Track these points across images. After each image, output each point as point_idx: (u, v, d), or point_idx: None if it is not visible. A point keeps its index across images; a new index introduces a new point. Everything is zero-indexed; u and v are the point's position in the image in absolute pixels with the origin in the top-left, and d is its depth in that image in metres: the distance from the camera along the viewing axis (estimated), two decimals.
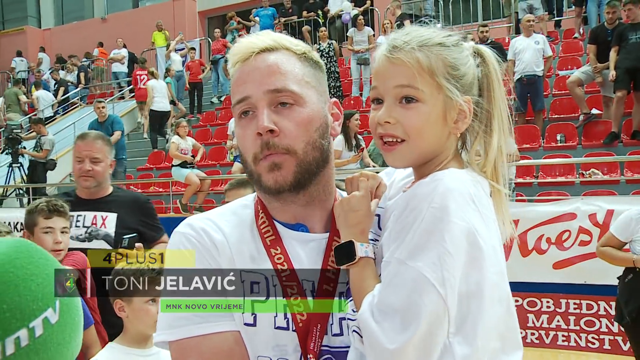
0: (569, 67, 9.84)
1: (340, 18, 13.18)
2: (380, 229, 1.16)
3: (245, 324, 1.08)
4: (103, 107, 9.51)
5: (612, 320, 5.06)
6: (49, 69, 16.71)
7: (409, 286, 0.93)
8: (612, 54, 7.61)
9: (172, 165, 8.81)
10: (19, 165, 10.81)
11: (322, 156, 1.15)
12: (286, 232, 1.17)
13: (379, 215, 1.18)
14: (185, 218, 3.68)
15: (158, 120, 12.25)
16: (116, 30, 17.98)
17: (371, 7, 13.87)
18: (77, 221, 3.02)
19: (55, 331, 0.74)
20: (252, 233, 1.17)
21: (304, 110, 1.12)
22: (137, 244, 2.84)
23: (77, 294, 0.82)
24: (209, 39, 15.70)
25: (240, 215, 1.20)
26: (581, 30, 11.01)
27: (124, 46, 16.21)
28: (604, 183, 6.86)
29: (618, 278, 3.85)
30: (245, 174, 1.28)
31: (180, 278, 1.11)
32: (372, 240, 1.13)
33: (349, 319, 1.05)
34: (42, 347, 0.72)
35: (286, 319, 1.09)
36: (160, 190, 10.38)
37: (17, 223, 9.59)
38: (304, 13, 14.30)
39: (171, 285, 1.11)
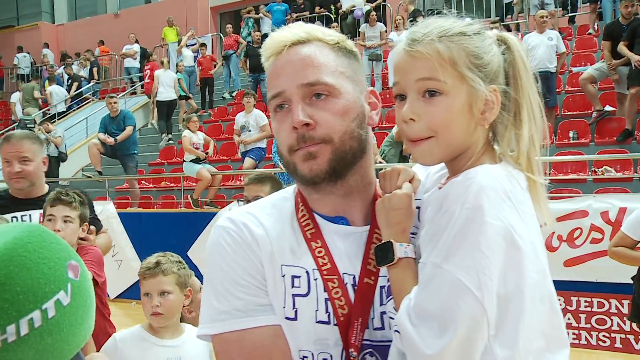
0: (583, 63, 9.75)
1: (352, 14, 13.16)
2: (419, 221, 1.14)
3: (287, 318, 1.08)
4: (115, 103, 9.55)
5: (625, 318, 5.02)
6: (53, 65, 16.78)
7: (445, 291, 0.91)
8: (623, 48, 7.50)
9: (184, 161, 8.85)
10: None
11: (359, 146, 1.13)
12: (326, 225, 1.16)
13: (418, 208, 1.15)
14: (195, 213, 3.79)
15: (165, 110, 12.45)
16: (128, 25, 18.06)
17: (383, 3, 13.82)
18: (23, 221, 3.04)
19: (67, 313, 0.76)
20: (292, 226, 1.16)
21: (339, 102, 1.10)
22: (91, 228, 2.88)
23: (89, 277, 0.83)
24: (221, 35, 15.72)
25: (281, 209, 1.19)
26: (595, 26, 10.91)
27: (136, 41, 16.27)
28: (617, 180, 6.80)
29: (633, 278, 3.80)
30: (260, 170, 1.27)
31: (221, 272, 1.11)
32: (412, 234, 1.12)
33: (391, 317, 1.04)
34: (55, 328, 0.74)
35: (327, 313, 1.08)
36: (172, 185, 10.44)
37: None
38: (317, 8, 14.29)
39: (213, 280, 1.12)
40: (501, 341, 0.92)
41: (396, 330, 0.99)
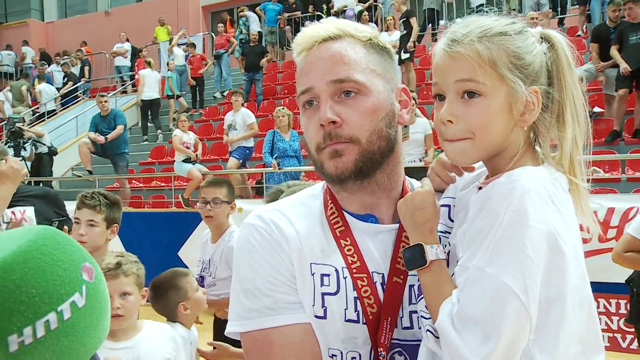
0: (576, 64, 9.79)
1: (343, 14, 13.16)
2: (451, 220, 1.12)
3: (316, 317, 1.07)
4: (106, 101, 9.50)
5: (624, 321, 5.02)
6: (43, 63, 16.63)
7: (490, 295, 0.89)
8: (614, 51, 7.59)
9: (175, 161, 8.83)
10: (21, 158, 10.83)
11: (388, 145, 1.12)
12: (355, 223, 1.15)
13: (448, 206, 1.14)
14: (186, 213, 3.78)
15: (147, 109, 12.64)
16: (119, 24, 17.97)
17: (375, 3, 13.84)
18: None
19: (82, 314, 0.77)
20: (321, 224, 1.15)
21: (369, 100, 1.09)
22: (64, 228, 2.91)
23: (104, 279, 0.84)
24: (213, 34, 15.68)
25: (310, 206, 1.19)
26: (584, 28, 10.99)
27: (127, 40, 16.20)
28: (605, 181, 6.86)
29: (627, 281, 3.73)
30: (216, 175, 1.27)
31: (251, 270, 1.10)
32: (441, 232, 1.10)
33: (422, 316, 1.02)
34: (71, 329, 0.75)
35: (356, 312, 1.07)
36: (162, 184, 10.41)
37: None
38: (310, 8, 14.29)
39: (242, 277, 1.12)
40: (541, 346, 0.91)
41: (428, 330, 0.98)
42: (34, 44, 19.00)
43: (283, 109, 8.03)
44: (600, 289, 5.15)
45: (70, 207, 9.73)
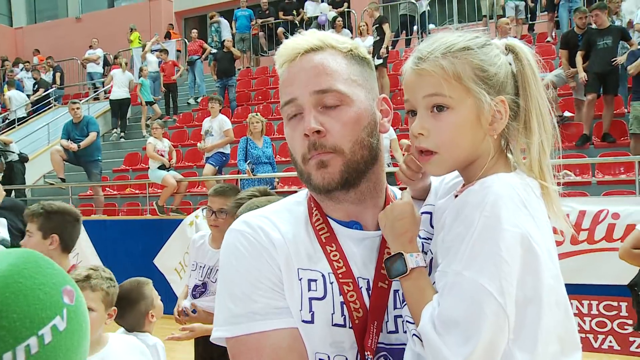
0: (542, 70, 9.97)
1: (316, 19, 13.21)
2: (432, 227, 1.16)
3: (304, 321, 1.08)
4: (78, 108, 9.38)
5: (633, 329, 5.04)
6: (12, 69, 16.35)
7: (468, 297, 0.92)
8: (578, 58, 7.79)
9: (149, 168, 8.75)
10: None
11: (370, 154, 1.14)
12: (340, 229, 1.17)
13: (430, 213, 1.17)
14: (161, 220, 3.74)
15: (117, 108, 12.83)
16: (91, 30, 17.77)
17: (348, 10, 13.93)
18: None
19: (63, 338, 0.76)
20: (307, 231, 1.17)
21: (351, 110, 1.11)
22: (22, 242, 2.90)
23: (84, 301, 0.84)
24: (186, 40, 15.61)
25: (295, 213, 1.20)
26: (553, 34, 11.23)
27: (99, 46, 16.03)
28: (576, 184, 6.99)
29: (629, 286, 3.70)
30: (224, 182, 1.28)
31: (238, 275, 1.11)
32: (424, 239, 1.14)
33: (407, 321, 1.05)
34: (51, 353, 0.74)
35: (343, 316, 1.09)
36: (137, 192, 10.31)
37: None
38: (280, 14, 14.31)
39: (228, 283, 1.12)
40: (520, 345, 0.94)
41: (414, 335, 1.00)
42: (2, 50, 18.67)
43: (257, 115, 8.02)
44: (573, 290, 5.22)
45: None
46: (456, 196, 1.07)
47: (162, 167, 8.52)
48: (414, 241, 1.09)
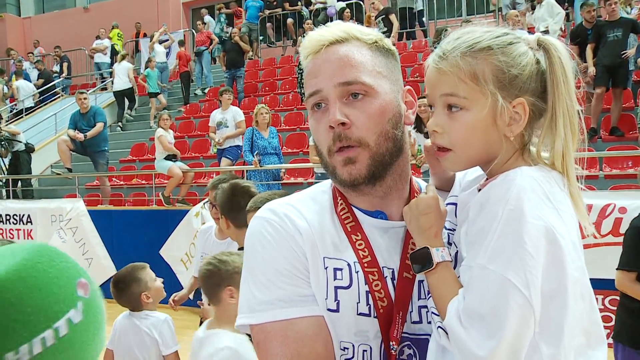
0: (575, 70, 9.91)
1: (325, 10, 13.16)
2: (456, 217, 1.16)
3: (329, 310, 1.09)
4: (85, 99, 9.40)
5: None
6: (20, 59, 16.39)
7: (494, 291, 0.92)
8: (589, 51, 7.72)
9: (155, 158, 8.76)
10: None
11: (395, 146, 1.14)
12: (365, 218, 1.17)
13: (455, 204, 1.17)
14: (167, 211, 3.73)
15: (121, 99, 13.05)
16: (98, 20, 17.77)
17: (357, 1, 13.87)
18: None
19: (78, 330, 0.77)
20: (332, 220, 1.17)
21: (376, 101, 1.11)
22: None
23: (100, 294, 0.85)
24: (193, 31, 15.59)
25: (320, 202, 1.20)
26: (562, 27, 11.13)
27: (108, 37, 16.06)
28: (584, 178, 6.94)
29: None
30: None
31: (263, 263, 1.11)
32: (449, 229, 1.15)
33: (433, 313, 1.05)
34: (67, 345, 0.75)
35: (368, 306, 1.09)
36: (143, 182, 10.34)
37: None
38: (286, 5, 14.27)
39: (254, 270, 1.12)
40: (546, 338, 0.94)
41: (439, 327, 1.01)
42: (11, 39, 18.72)
43: (264, 106, 8.01)
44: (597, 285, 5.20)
45: (49, 205, 9.59)
46: (479, 190, 1.07)
47: (168, 157, 8.53)
48: (440, 235, 1.09)
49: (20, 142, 10.40)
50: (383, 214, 1.18)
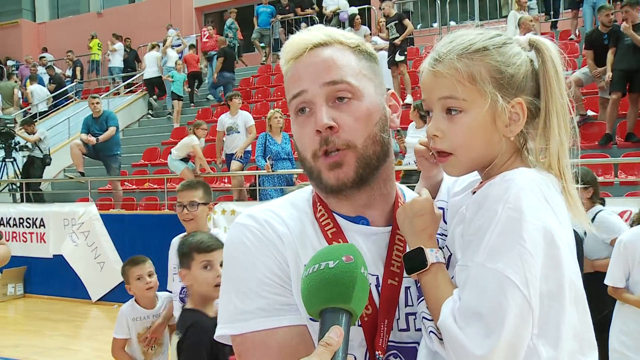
0: (565, 68, 9.83)
1: (337, 16, 13.18)
2: (445, 222, 1.15)
3: (311, 319, 1.03)
4: (97, 103, 9.44)
5: None
6: (35, 64, 16.57)
7: (492, 289, 0.90)
8: (610, 55, 7.62)
9: (170, 155, 8.64)
10: (12, 160, 10.77)
11: (382, 150, 1.12)
12: (347, 224, 1.14)
13: (442, 209, 1.16)
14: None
15: (150, 88, 13.50)
16: (112, 25, 17.91)
17: (368, 6, 13.87)
18: None
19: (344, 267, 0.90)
20: (313, 226, 1.14)
21: (363, 104, 1.09)
22: None
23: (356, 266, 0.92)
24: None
25: (300, 208, 1.18)
26: (577, 32, 11.04)
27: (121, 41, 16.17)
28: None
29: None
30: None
31: (244, 271, 1.08)
32: (439, 234, 1.12)
33: (424, 318, 1.03)
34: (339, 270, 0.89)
35: None
36: (155, 186, 10.38)
37: (10, 218, 9.57)
38: (298, 10, 14.32)
39: (234, 278, 1.09)
40: (545, 340, 0.93)
41: (431, 332, 0.99)
42: (26, 45, 18.91)
43: (278, 111, 8.00)
44: None
45: (62, 209, 9.63)
46: (474, 192, 1.06)
47: (184, 158, 8.50)
48: (434, 237, 1.07)
49: (40, 150, 10.48)
50: (365, 219, 1.15)
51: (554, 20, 12.05)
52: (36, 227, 9.30)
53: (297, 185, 8.15)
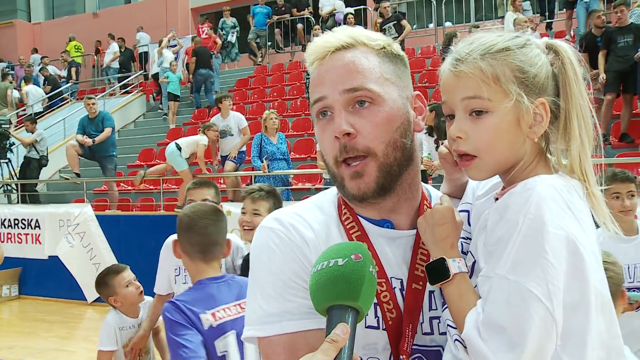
0: (589, 69, 9.89)
1: (333, 17, 13.19)
2: (469, 225, 1.14)
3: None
4: (93, 104, 9.42)
5: None
6: (30, 64, 16.54)
7: (514, 302, 0.90)
8: (601, 58, 7.67)
9: (177, 145, 8.33)
10: (7, 161, 10.73)
11: (404, 156, 1.11)
12: (372, 228, 1.14)
13: (467, 212, 1.16)
14: (175, 216, 3.62)
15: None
16: (108, 25, 17.86)
17: (364, 7, 13.88)
18: None
19: (353, 264, 0.91)
20: (338, 229, 1.14)
21: (383, 109, 1.08)
22: None
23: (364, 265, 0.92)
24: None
25: (326, 211, 1.17)
26: (572, 33, 11.08)
27: (116, 40, 16.14)
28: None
29: None
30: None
31: (271, 275, 1.08)
32: (463, 238, 1.12)
33: (449, 325, 1.03)
34: (349, 267, 0.90)
35: (376, 318, 1.07)
36: (151, 187, 10.35)
37: (5, 219, 9.55)
38: (294, 11, 14.32)
39: (261, 282, 1.10)
40: (569, 352, 0.92)
41: (457, 340, 0.99)
42: (21, 45, 18.84)
43: (273, 111, 7.99)
44: None
45: (57, 210, 9.58)
46: (497, 199, 1.05)
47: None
48: (455, 246, 1.07)
49: (37, 151, 10.44)
50: (390, 222, 1.15)
51: (549, 21, 12.08)
52: (31, 228, 9.27)
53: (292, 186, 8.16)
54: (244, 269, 2.98)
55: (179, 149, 8.23)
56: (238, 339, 2.13)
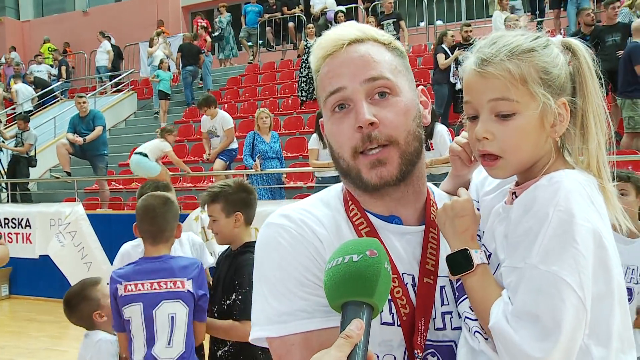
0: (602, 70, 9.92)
1: (324, 15, 13.19)
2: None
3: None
4: (84, 102, 9.37)
5: None
6: (18, 63, 16.41)
7: (548, 291, 0.91)
8: None
9: (141, 154, 8.21)
10: None
11: (420, 146, 1.12)
12: (380, 224, 1.13)
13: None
14: None
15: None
16: (98, 23, 17.75)
17: (355, 5, 13.88)
18: None
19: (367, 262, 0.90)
20: (348, 225, 1.13)
21: (401, 100, 1.10)
22: None
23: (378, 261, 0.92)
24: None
25: (332, 206, 1.16)
26: (562, 31, 11.14)
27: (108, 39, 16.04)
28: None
29: None
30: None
31: (281, 271, 1.06)
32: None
33: (467, 317, 1.03)
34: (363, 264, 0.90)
35: (391, 314, 1.07)
36: None
37: None
38: (285, 9, 14.31)
39: (270, 279, 1.07)
40: (596, 340, 0.94)
41: (476, 332, 1.00)
42: (9, 43, 18.68)
43: (265, 110, 7.98)
44: None
45: (48, 209, 9.48)
46: (513, 193, 1.07)
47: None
48: (475, 239, 1.09)
49: (31, 144, 10.37)
50: (398, 218, 1.15)
51: (539, 19, 12.14)
52: (22, 227, 9.20)
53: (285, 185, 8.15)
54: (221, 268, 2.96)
55: (145, 156, 8.15)
56: (145, 310, 2.58)
